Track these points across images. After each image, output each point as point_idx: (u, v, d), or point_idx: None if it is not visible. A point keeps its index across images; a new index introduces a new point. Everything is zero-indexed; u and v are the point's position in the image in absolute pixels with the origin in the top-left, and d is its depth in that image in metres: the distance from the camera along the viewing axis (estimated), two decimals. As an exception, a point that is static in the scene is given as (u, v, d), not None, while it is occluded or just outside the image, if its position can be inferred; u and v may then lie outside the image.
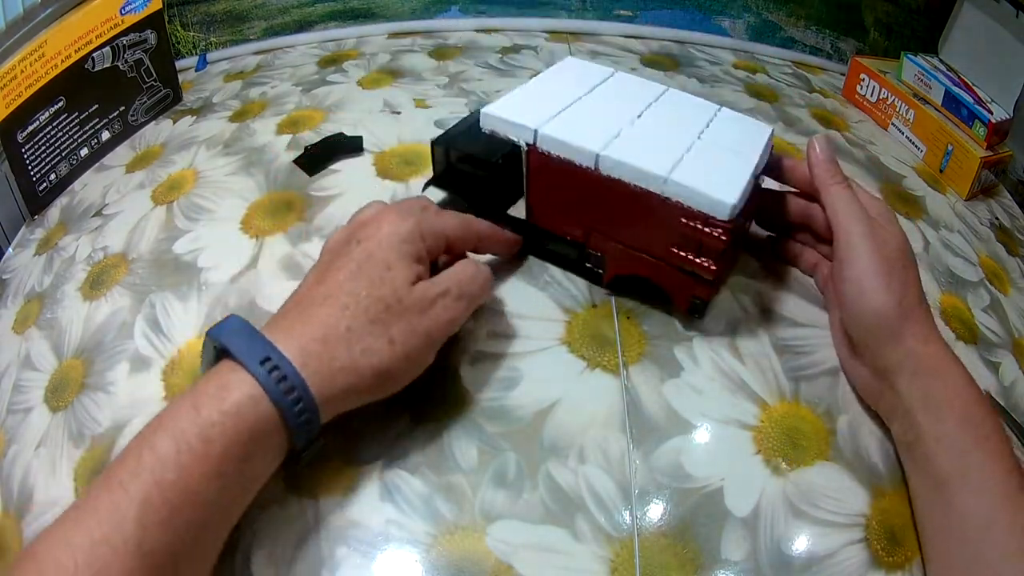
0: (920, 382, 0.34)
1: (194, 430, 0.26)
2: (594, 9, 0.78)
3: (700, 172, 0.36)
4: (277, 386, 0.27)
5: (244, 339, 0.29)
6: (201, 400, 0.27)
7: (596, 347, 0.40)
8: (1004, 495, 0.30)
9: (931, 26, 0.69)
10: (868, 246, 0.36)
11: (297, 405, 0.28)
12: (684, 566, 0.32)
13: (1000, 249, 0.56)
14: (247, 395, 0.27)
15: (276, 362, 0.28)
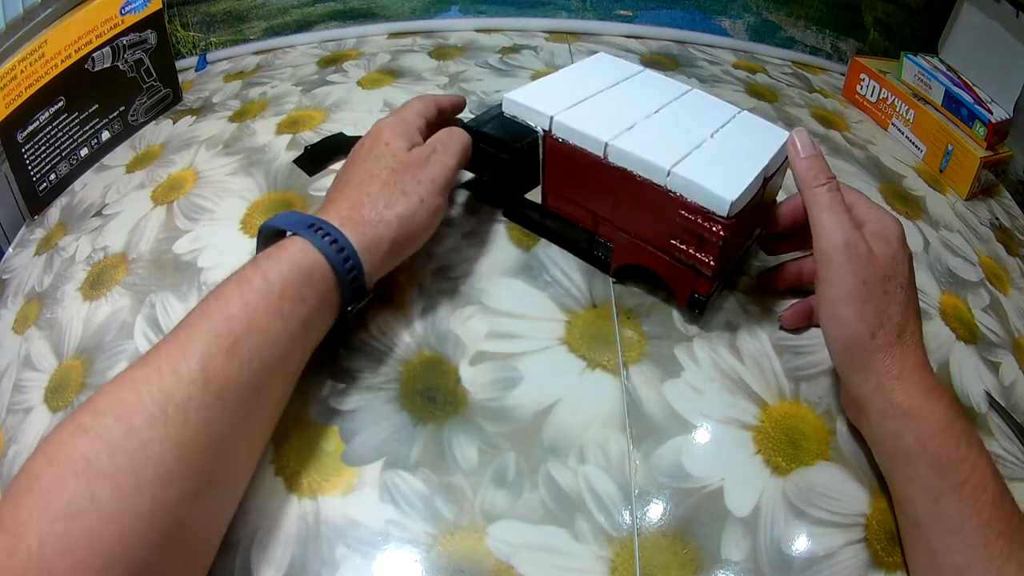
0: (890, 423, 0.32)
1: (256, 274, 0.31)
2: (594, 9, 0.78)
3: (705, 168, 0.36)
4: (323, 239, 0.33)
5: (293, 218, 0.34)
6: (259, 259, 0.32)
7: (596, 347, 0.40)
8: (978, 544, 0.29)
9: (931, 26, 0.69)
10: (846, 267, 0.33)
11: (341, 253, 0.33)
12: (684, 566, 0.32)
13: (1000, 249, 0.56)
14: (299, 248, 0.32)
15: (320, 225, 0.33)
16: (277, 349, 0.30)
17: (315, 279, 0.32)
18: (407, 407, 0.37)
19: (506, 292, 0.42)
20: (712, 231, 0.35)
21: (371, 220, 0.35)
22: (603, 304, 0.42)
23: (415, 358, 0.39)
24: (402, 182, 0.37)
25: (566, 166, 0.40)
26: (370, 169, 0.38)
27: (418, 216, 0.37)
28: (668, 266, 0.39)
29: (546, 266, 0.44)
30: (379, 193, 0.37)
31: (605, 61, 0.47)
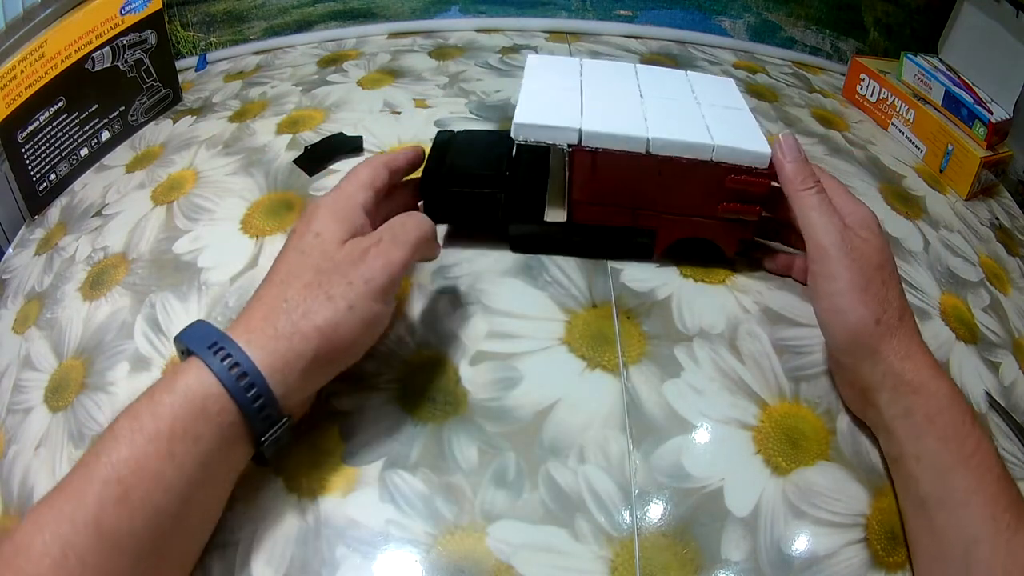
0: (900, 400, 0.33)
1: (147, 410, 0.28)
2: (594, 9, 0.78)
3: (729, 133, 0.40)
4: (222, 364, 0.28)
5: (198, 333, 0.30)
6: (156, 386, 0.29)
7: (596, 347, 0.40)
8: (987, 516, 0.29)
9: (931, 26, 0.69)
10: (843, 261, 0.34)
11: (243, 379, 0.28)
12: (684, 566, 0.32)
13: (1000, 249, 0.56)
14: (194, 377, 0.28)
15: (222, 345, 0.29)
16: (172, 495, 0.27)
17: (211, 412, 0.28)
18: (407, 407, 0.37)
19: (506, 292, 0.42)
20: (759, 183, 0.39)
21: (284, 333, 0.30)
22: (603, 304, 0.42)
23: (415, 358, 0.39)
24: (328, 283, 0.31)
25: (602, 172, 0.40)
26: (293, 266, 0.32)
27: (345, 327, 0.31)
28: (716, 228, 0.42)
29: (546, 266, 0.44)
30: (298, 298, 0.31)
31: (544, 63, 0.47)
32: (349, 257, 0.32)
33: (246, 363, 0.28)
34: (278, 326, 0.30)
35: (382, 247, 0.33)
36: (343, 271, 0.32)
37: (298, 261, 0.32)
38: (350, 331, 0.31)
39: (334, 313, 0.30)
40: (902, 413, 0.33)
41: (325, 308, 0.30)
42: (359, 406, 0.37)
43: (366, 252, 0.32)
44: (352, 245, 0.33)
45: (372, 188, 0.36)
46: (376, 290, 0.32)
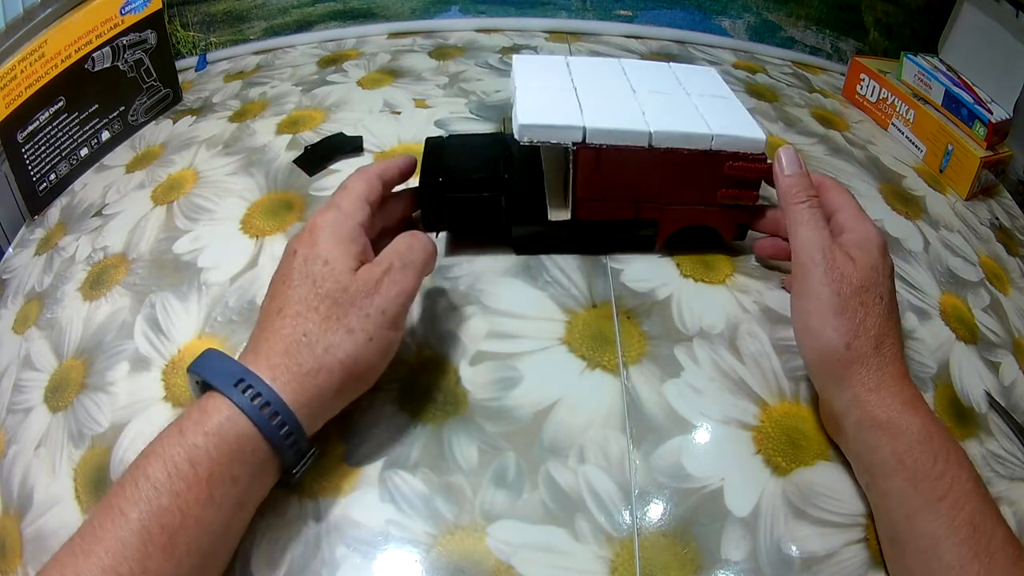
0: (866, 435, 0.31)
1: (182, 454, 0.27)
2: (594, 9, 0.77)
3: (724, 121, 0.41)
4: (252, 403, 0.28)
5: (218, 367, 0.30)
6: (186, 425, 0.28)
7: (596, 347, 0.40)
8: (954, 564, 0.28)
9: (931, 26, 0.69)
10: (821, 279, 0.33)
11: (275, 419, 0.29)
12: (684, 566, 0.32)
13: (1000, 249, 0.56)
14: (225, 416, 0.28)
15: (249, 382, 0.29)
16: (214, 536, 0.28)
17: (246, 452, 0.28)
18: (407, 407, 0.37)
19: (506, 292, 0.42)
20: (756, 168, 0.41)
21: (310, 369, 0.30)
22: (603, 304, 0.42)
23: (415, 358, 0.39)
24: (346, 316, 0.31)
25: (605, 168, 0.40)
26: (307, 298, 0.31)
27: (366, 357, 0.32)
28: (715, 215, 0.43)
29: (546, 266, 0.44)
30: (318, 332, 0.31)
31: (533, 62, 0.48)
32: (364, 288, 0.32)
33: (276, 402, 0.29)
34: (301, 362, 0.30)
35: (394, 275, 0.33)
36: (359, 303, 0.32)
37: (312, 292, 0.32)
38: (369, 361, 0.32)
39: (355, 346, 0.31)
40: (868, 448, 0.32)
41: (346, 342, 0.31)
42: (359, 406, 0.37)
43: (380, 282, 0.33)
44: (365, 274, 0.33)
45: (368, 202, 0.36)
46: (392, 319, 0.33)
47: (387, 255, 0.34)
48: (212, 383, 0.29)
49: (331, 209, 0.35)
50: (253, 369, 0.30)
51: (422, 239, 0.36)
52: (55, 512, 0.35)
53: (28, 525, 0.35)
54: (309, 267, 0.32)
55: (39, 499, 0.36)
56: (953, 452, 0.30)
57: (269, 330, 0.31)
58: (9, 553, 0.35)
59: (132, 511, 0.26)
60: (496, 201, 0.42)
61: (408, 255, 0.34)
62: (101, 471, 0.36)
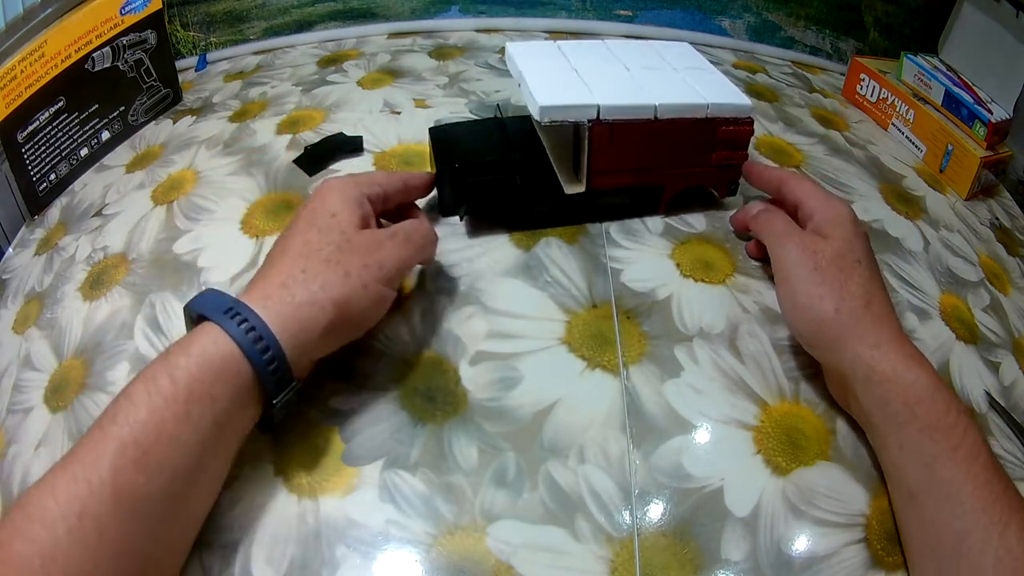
0: (875, 389, 0.32)
1: (163, 372, 0.28)
2: (594, 9, 0.78)
3: (713, 91, 0.45)
4: (238, 327, 0.29)
5: (212, 300, 0.31)
6: (172, 350, 0.29)
7: (596, 347, 0.40)
8: (976, 508, 0.28)
9: (931, 26, 0.69)
10: (797, 259, 0.36)
11: (259, 343, 0.29)
12: (684, 566, 0.32)
13: (1000, 249, 0.56)
14: (211, 339, 0.29)
15: (237, 310, 0.30)
16: (189, 456, 0.28)
17: (228, 374, 0.29)
18: (407, 407, 0.37)
19: (506, 292, 0.42)
20: (745, 130, 0.45)
21: (302, 301, 0.31)
22: (603, 304, 0.42)
23: (415, 358, 0.39)
24: (346, 262, 0.33)
25: (617, 141, 0.43)
26: (311, 241, 0.34)
27: (358, 303, 0.33)
28: (711, 175, 0.48)
29: (546, 266, 0.44)
30: (317, 270, 0.32)
31: (527, 48, 0.50)
32: (367, 243, 0.34)
33: (261, 327, 0.30)
34: (296, 293, 0.31)
35: (397, 241, 0.36)
36: (361, 253, 0.34)
37: (317, 237, 0.34)
38: (361, 307, 0.33)
39: (350, 290, 0.33)
40: (879, 403, 0.32)
41: (343, 284, 0.32)
42: (359, 406, 0.37)
43: (382, 243, 0.35)
44: (370, 234, 0.35)
45: (383, 188, 0.38)
46: (388, 276, 0.34)
47: (394, 227, 0.37)
48: (203, 312, 0.30)
49: (341, 179, 0.37)
50: (246, 300, 0.31)
51: (427, 225, 0.39)
52: (55, 512, 0.35)
53: (28, 525, 0.35)
54: (317, 217, 0.35)
55: (39, 499, 0.36)
56: (961, 405, 0.31)
57: (269, 268, 0.33)
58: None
59: (111, 426, 0.27)
60: (512, 181, 0.45)
61: (412, 232, 0.37)
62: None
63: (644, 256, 0.45)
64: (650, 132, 0.44)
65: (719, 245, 0.47)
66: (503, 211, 0.46)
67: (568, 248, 0.46)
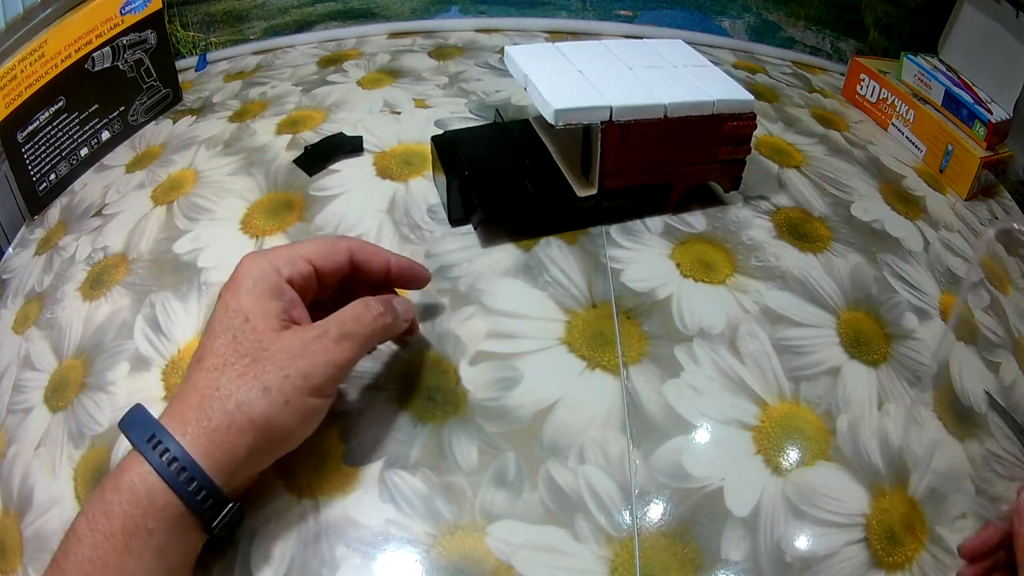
0: None
1: (99, 508, 0.27)
2: (594, 9, 0.78)
3: (717, 88, 0.46)
4: (160, 459, 0.28)
5: (137, 422, 0.29)
6: (105, 483, 0.28)
7: (596, 347, 0.40)
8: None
9: (931, 26, 0.69)
10: None
11: (182, 474, 0.28)
12: (684, 566, 0.32)
13: (1000, 249, 0.56)
14: (137, 473, 0.28)
15: (159, 438, 0.28)
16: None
17: (157, 507, 0.28)
18: (407, 407, 0.37)
19: (506, 292, 0.42)
20: (748, 124, 0.46)
21: (220, 425, 0.29)
22: (603, 304, 0.42)
23: (415, 358, 0.39)
24: (263, 374, 0.29)
25: (628, 142, 0.44)
26: (224, 351, 0.30)
27: (280, 420, 0.29)
28: (716, 171, 0.48)
29: (546, 266, 0.44)
30: (231, 387, 0.29)
31: (529, 51, 0.49)
32: (288, 350, 0.30)
33: (184, 458, 0.28)
34: (212, 416, 0.29)
35: (325, 343, 0.31)
36: (279, 362, 0.30)
37: (230, 347, 0.30)
38: (286, 425, 0.30)
39: (269, 406, 0.29)
40: None
41: (260, 401, 0.29)
42: (359, 406, 0.37)
43: (307, 347, 0.30)
44: (292, 336, 0.31)
45: (315, 263, 0.33)
46: (315, 387, 0.30)
47: (327, 321, 0.32)
48: (130, 439, 0.29)
49: (258, 258, 0.32)
50: (167, 424, 0.29)
51: (373, 310, 0.33)
52: (55, 512, 0.35)
53: (28, 525, 0.35)
54: (230, 320, 0.31)
55: (39, 499, 0.36)
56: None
57: (188, 382, 0.30)
58: (9, 553, 0.35)
59: (63, 561, 0.27)
60: (523, 186, 0.45)
61: (351, 325, 0.32)
62: (101, 471, 0.36)
63: (644, 256, 0.45)
64: (660, 131, 0.44)
65: (719, 245, 0.47)
66: (517, 217, 0.46)
67: (568, 248, 0.46)
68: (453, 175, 0.45)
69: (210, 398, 0.29)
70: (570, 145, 0.48)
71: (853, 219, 0.52)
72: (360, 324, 0.32)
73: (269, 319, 0.31)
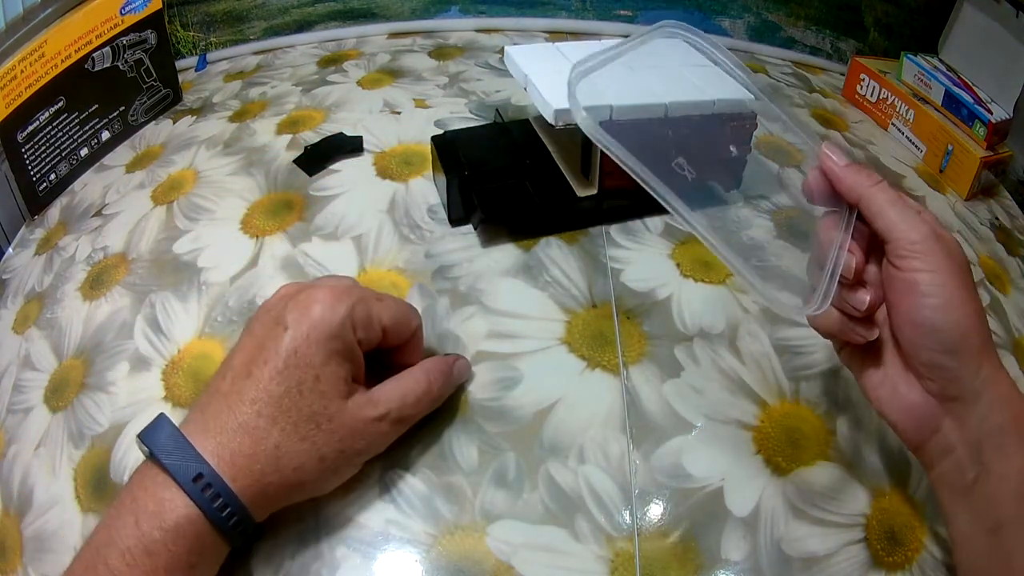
0: (996, 413, 0.29)
1: (139, 546, 0.27)
2: (594, 9, 0.78)
3: (717, 87, 0.45)
4: (212, 505, 0.28)
5: (175, 453, 0.28)
6: (143, 518, 0.28)
7: (596, 347, 0.40)
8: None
9: (931, 26, 0.69)
10: (941, 253, 0.29)
11: (232, 519, 0.28)
12: (684, 566, 0.32)
13: (1000, 249, 0.56)
14: (184, 516, 0.27)
15: (208, 479, 0.28)
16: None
17: (205, 546, 0.28)
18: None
19: (506, 292, 0.42)
20: (750, 123, 0.46)
21: (273, 481, 0.29)
22: (603, 304, 0.42)
23: (415, 358, 0.39)
24: (323, 445, 0.30)
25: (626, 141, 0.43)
26: (282, 399, 0.29)
27: (326, 483, 0.31)
28: (717, 171, 0.48)
29: (546, 266, 0.44)
30: (290, 449, 0.29)
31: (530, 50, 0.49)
32: (350, 424, 0.30)
33: (238, 509, 0.28)
34: (266, 471, 0.29)
35: (384, 426, 0.32)
36: (340, 436, 0.30)
37: (293, 401, 0.29)
38: (329, 486, 0.32)
39: (321, 473, 0.30)
40: (996, 429, 0.29)
41: (315, 468, 0.30)
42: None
43: (368, 427, 0.31)
44: (356, 411, 0.31)
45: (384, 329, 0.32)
46: (363, 459, 0.32)
47: (389, 397, 0.32)
48: (169, 470, 0.28)
49: (339, 305, 0.31)
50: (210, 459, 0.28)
51: (434, 390, 0.34)
52: (55, 512, 0.35)
53: (28, 525, 0.35)
54: (299, 372, 0.30)
55: (39, 499, 0.36)
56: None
57: (236, 417, 0.29)
58: (9, 553, 0.35)
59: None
60: (523, 186, 0.45)
61: (411, 409, 0.33)
62: (101, 471, 0.36)
63: (644, 256, 0.45)
64: (658, 130, 0.44)
65: (719, 245, 0.47)
66: (517, 217, 0.46)
67: (568, 248, 0.46)
68: (453, 175, 0.45)
69: (265, 451, 0.29)
70: (570, 145, 0.48)
71: (853, 219, 0.52)
72: (419, 408, 0.34)
73: (338, 384, 0.30)
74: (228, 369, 0.31)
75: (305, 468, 0.30)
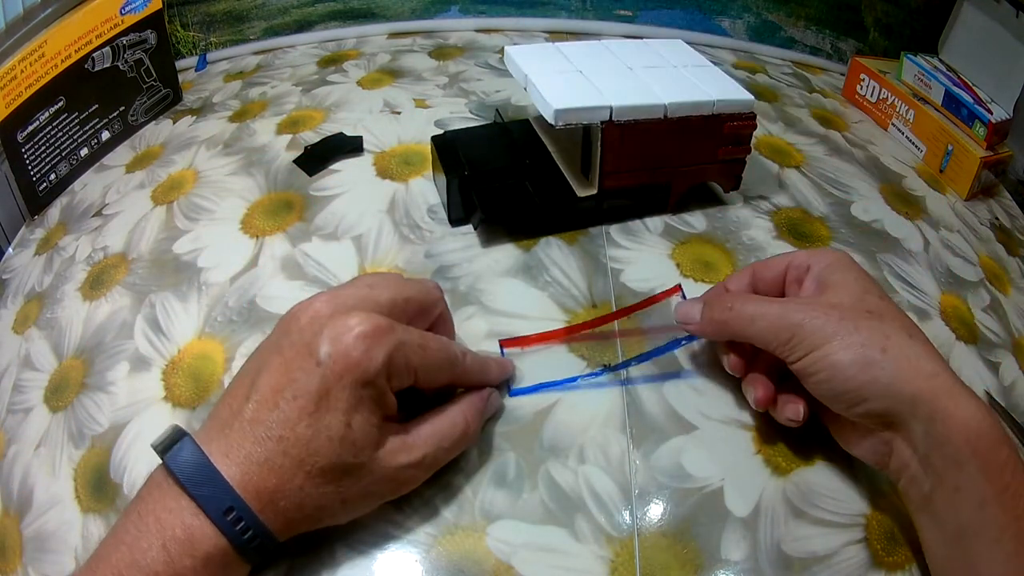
0: (938, 427, 0.29)
1: (168, 572, 0.27)
2: (594, 9, 0.78)
3: (717, 88, 0.46)
4: (242, 537, 0.28)
5: (206, 485, 0.28)
6: (171, 544, 0.27)
7: (596, 347, 0.40)
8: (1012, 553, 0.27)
9: (931, 26, 0.69)
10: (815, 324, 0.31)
11: (260, 547, 0.28)
12: (684, 566, 0.32)
13: (1000, 249, 0.56)
14: (214, 546, 0.27)
15: (239, 513, 0.28)
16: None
17: (230, 571, 0.28)
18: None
19: (506, 292, 0.42)
20: (749, 125, 0.46)
21: (296, 518, 0.29)
22: (603, 304, 0.42)
23: (415, 358, 0.39)
24: (348, 491, 0.29)
25: (628, 142, 0.44)
26: (311, 443, 0.28)
27: (343, 519, 0.31)
28: (716, 171, 0.48)
29: (546, 266, 0.44)
30: (316, 494, 0.29)
31: (529, 51, 0.49)
32: (380, 472, 0.30)
33: (268, 540, 0.28)
34: (290, 510, 0.29)
35: (417, 472, 0.31)
36: (366, 484, 0.30)
37: (323, 446, 0.28)
38: (347, 519, 0.31)
39: (345, 514, 0.30)
40: (939, 441, 0.29)
41: (340, 511, 0.30)
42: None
43: (399, 473, 0.30)
44: (388, 458, 0.30)
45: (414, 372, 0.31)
46: (391, 499, 0.32)
47: (426, 443, 0.31)
48: (198, 501, 0.27)
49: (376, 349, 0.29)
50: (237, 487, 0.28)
51: (471, 434, 0.33)
52: (55, 512, 0.35)
53: (28, 525, 0.35)
54: (330, 415, 0.28)
55: (39, 499, 0.36)
56: (1008, 437, 0.29)
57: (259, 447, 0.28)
58: (9, 553, 0.35)
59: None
60: (523, 186, 0.45)
61: (445, 455, 0.32)
62: (101, 471, 0.36)
63: (644, 256, 0.45)
64: (660, 131, 0.44)
65: (719, 245, 0.47)
66: (517, 218, 0.46)
67: (568, 248, 0.46)
68: (453, 175, 0.45)
69: (290, 490, 0.28)
70: (570, 145, 0.48)
71: (853, 219, 0.52)
72: (454, 452, 0.33)
73: (370, 432, 0.29)
74: (253, 391, 0.29)
75: (326, 508, 0.29)
